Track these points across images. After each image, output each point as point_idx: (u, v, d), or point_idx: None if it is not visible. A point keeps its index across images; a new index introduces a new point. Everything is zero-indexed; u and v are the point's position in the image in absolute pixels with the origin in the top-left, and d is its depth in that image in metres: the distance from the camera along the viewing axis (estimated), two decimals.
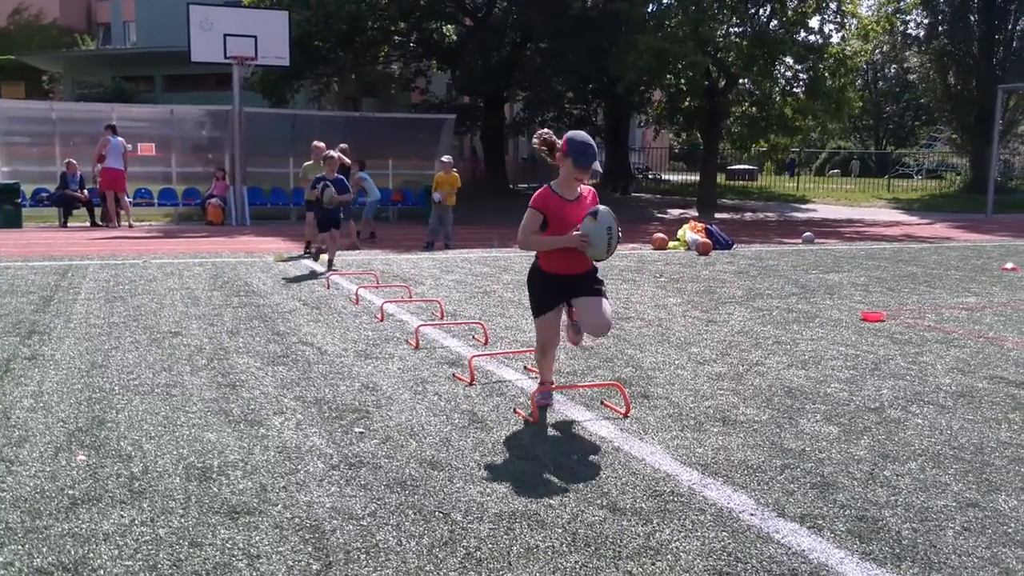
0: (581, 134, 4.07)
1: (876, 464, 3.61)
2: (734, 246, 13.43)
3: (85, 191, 16.52)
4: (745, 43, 21.38)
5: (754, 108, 23.50)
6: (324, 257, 11.15)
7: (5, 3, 47.31)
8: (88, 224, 16.16)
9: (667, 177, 42.21)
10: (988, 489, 3.36)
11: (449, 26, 28.66)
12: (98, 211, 16.52)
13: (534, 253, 4.26)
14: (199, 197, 17.97)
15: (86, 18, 50.50)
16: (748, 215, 23.98)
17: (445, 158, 12.90)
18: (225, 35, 17.01)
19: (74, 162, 16.46)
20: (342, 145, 12.45)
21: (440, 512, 3.04)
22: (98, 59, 38.25)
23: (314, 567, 2.62)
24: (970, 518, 3.08)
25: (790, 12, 21.91)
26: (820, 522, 3.02)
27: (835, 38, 23.33)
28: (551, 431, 3.97)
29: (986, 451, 3.81)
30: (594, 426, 4.05)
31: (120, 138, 16.09)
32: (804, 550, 2.80)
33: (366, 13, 23.06)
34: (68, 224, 16.18)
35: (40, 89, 40.57)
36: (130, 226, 15.85)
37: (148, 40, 37.24)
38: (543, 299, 4.19)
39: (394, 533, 2.87)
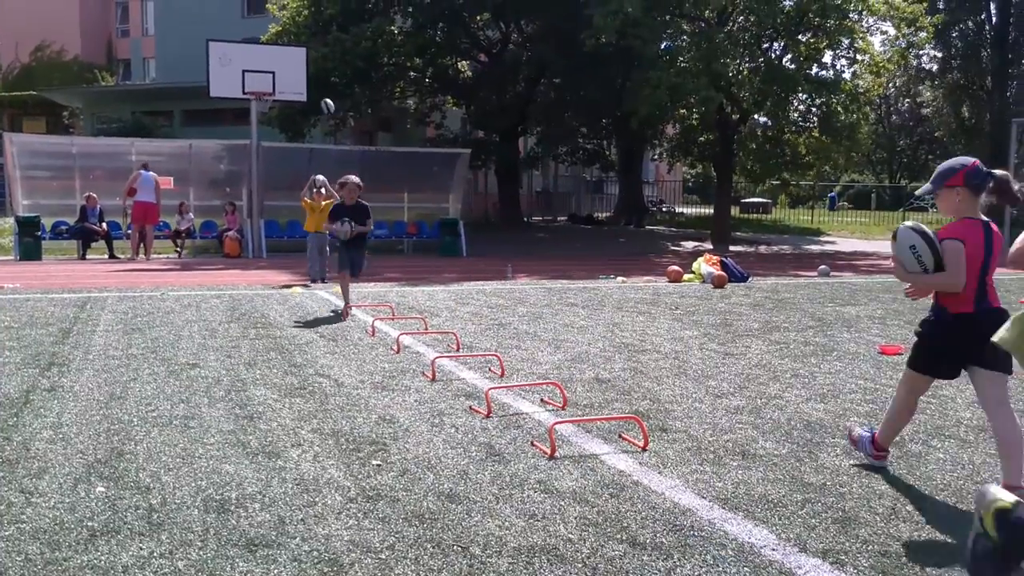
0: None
1: (898, 499, 3.57)
2: (749, 279, 13.40)
3: (104, 224, 16.73)
4: (758, 79, 21.53)
5: (768, 145, 23.60)
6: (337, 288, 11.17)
7: (28, 40, 48.32)
8: (107, 256, 16.34)
9: (681, 210, 42.34)
10: None
11: (464, 62, 29.04)
12: (117, 243, 16.72)
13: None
14: (216, 230, 18.15)
15: (107, 55, 51.45)
16: (763, 248, 23.96)
17: (320, 177, 11.38)
18: (243, 71, 17.31)
19: (94, 196, 16.70)
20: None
21: (459, 546, 3.03)
22: (118, 94, 38.94)
23: None
24: None
25: (803, 48, 22.07)
26: (843, 557, 2.98)
27: (847, 73, 23.45)
28: (569, 464, 3.95)
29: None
30: (612, 459, 4.03)
31: (152, 173, 16.36)
32: None
33: (382, 49, 23.44)
34: (87, 256, 16.37)
35: (61, 124, 41.25)
36: (147, 259, 16.01)
37: (167, 76, 37.88)
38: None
39: (412, 567, 2.85)
